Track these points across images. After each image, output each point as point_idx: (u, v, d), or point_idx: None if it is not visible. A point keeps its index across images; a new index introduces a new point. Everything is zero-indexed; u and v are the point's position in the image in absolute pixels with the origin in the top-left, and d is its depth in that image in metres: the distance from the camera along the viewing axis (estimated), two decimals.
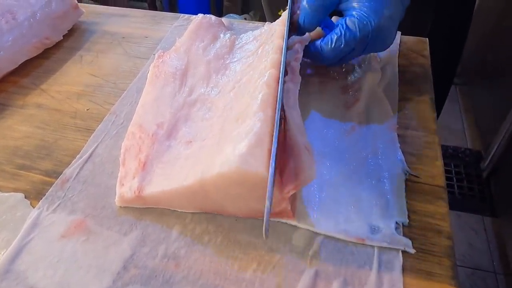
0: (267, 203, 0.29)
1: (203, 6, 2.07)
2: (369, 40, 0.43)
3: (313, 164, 0.33)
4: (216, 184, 0.33)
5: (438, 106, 0.83)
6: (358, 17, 0.43)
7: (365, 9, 0.43)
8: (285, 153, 0.34)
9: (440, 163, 0.42)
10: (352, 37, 0.43)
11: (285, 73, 0.40)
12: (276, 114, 0.34)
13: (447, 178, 1.46)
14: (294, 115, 0.36)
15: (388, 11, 0.43)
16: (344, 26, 0.43)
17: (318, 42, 0.45)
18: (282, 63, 0.39)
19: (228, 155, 0.32)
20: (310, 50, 0.46)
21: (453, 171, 1.49)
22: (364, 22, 0.42)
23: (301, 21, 0.46)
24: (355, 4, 0.44)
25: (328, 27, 0.47)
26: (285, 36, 0.43)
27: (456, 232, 1.32)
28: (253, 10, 2.07)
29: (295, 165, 0.33)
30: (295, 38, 0.46)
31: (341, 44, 0.43)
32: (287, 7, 0.55)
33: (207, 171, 0.33)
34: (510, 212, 1.28)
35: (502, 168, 1.38)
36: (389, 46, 0.47)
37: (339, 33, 0.43)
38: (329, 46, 0.44)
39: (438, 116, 0.80)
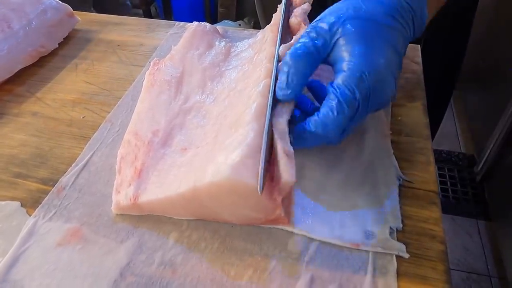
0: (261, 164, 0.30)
1: (197, 12, 2.08)
2: (370, 94, 0.36)
3: (291, 169, 0.32)
4: (209, 192, 0.33)
5: (439, 115, 0.82)
6: (350, 71, 0.36)
7: (357, 60, 0.36)
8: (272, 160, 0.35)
9: (432, 168, 0.42)
10: (352, 96, 0.35)
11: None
12: (266, 123, 0.34)
13: (441, 182, 1.47)
14: (280, 121, 0.36)
15: (384, 59, 0.37)
16: (338, 86, 0.36)
17: (313, 118, 0.36)
18: (273, 73, 0.39)
19: (220, 164, 0.32)
20: (307, 130, 0.36)
21: (447, 175, 1.50)
22: (358, 75, 0.36)
23: (282, 82, 0.37)
24: (344, 54, 0.37)
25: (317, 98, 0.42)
26: (277, 45, 0.44)
27: (451, 236, 1.33)
28: (248, 16, 2.08)
29: (277, 170, 0.33)
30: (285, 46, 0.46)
31: (345, 108, 0.35)
32: (279, 12, 0.55)
33: (200, 180, 0.33)
34: (504, 215, 1.29)
35: (495, 172, 1.39)
36: (389, 101, 0.40)
37: (335, 98, 0.35)
38: (333, 114, 0.35)
39: (438, 126, 0.81)
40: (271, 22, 0.49)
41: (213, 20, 2.09)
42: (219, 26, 0.62)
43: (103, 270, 0.35)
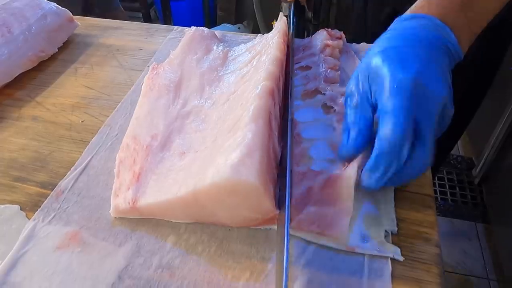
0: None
1: (197, 15, 2.09)
2: (412, 101, 0.34)
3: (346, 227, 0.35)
4: (209, 194, 0.33)
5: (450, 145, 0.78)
6: (380, 88, 0.36)
7: (382, 78, 0.36)
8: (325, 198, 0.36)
9: (428, 172, 0.43)
10: (393, 118, 0.33)
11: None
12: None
13: (440, 185, 1.48)
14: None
15: (410, 66, 0.35)
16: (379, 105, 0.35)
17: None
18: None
19: (220, 165, 0.32)
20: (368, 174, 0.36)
21: (446, 178, 1.51)
22: (389, 86, 0.35)
23: (353, 141, 0.38)
24: (375, 81, 0.37)
25: None
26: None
27: (449, 238, 1.33)
28: (247, 19, 2.09)
29: (332, 216, 0.35)
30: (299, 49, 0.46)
31: (395, 130, 0.33)
32: (279, 17, 0.56)
33: (200, 182, 0.33)
34: (502, 218, 1.29)
35: (493, 174, 1.39)
36: (451, 114, 0.37)
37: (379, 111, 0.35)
38: (387, 135, 0.34)
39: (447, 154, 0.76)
40: (279, 29, 0.50)
41: (213, 23, 2.10)
42: (218, 30, 0.63)
43: (101, 273, 0.35)
